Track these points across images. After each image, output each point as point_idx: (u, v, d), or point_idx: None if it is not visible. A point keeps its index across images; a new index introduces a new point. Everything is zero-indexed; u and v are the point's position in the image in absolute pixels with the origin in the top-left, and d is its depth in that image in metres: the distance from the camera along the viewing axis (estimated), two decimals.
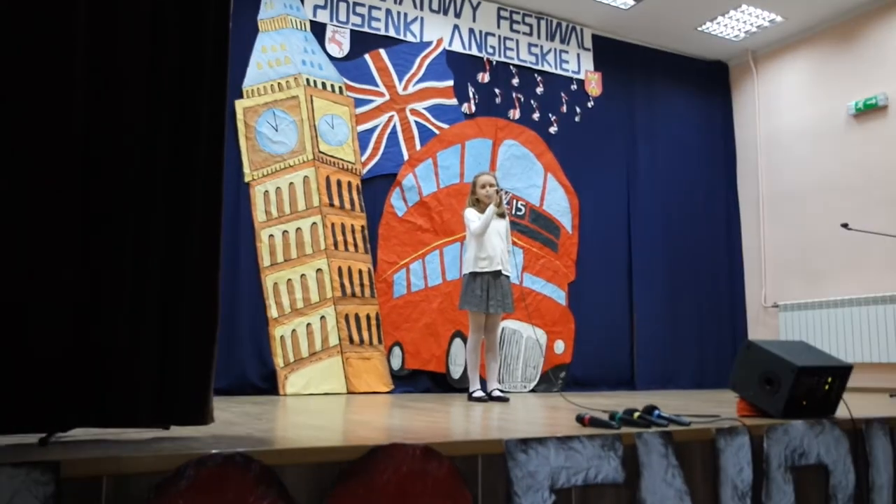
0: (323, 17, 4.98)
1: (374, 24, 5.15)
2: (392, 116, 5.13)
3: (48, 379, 1.56)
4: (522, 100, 5.60)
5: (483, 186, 4.07)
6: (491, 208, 3.91)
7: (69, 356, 1.59)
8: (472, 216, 4.03)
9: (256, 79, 4.72)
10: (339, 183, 4.88)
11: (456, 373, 4.96)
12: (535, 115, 5.63)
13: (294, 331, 4.59)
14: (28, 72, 1.59)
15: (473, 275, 3.97)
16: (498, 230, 4.03)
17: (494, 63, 5.52)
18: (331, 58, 4.99)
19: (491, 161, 5.39)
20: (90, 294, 1.63)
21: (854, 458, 2.33)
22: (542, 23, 5.75)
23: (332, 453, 1.57)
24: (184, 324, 1.75)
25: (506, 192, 4.09)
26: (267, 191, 4.67)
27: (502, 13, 5.60)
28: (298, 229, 4.71)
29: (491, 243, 3.96)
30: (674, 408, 2.88)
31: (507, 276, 4.07)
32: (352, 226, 4.87)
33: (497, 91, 5.50)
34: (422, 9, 5.31)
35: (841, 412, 2.50)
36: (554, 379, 5.22)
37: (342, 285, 4.76)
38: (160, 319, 1.72)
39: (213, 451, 1.42)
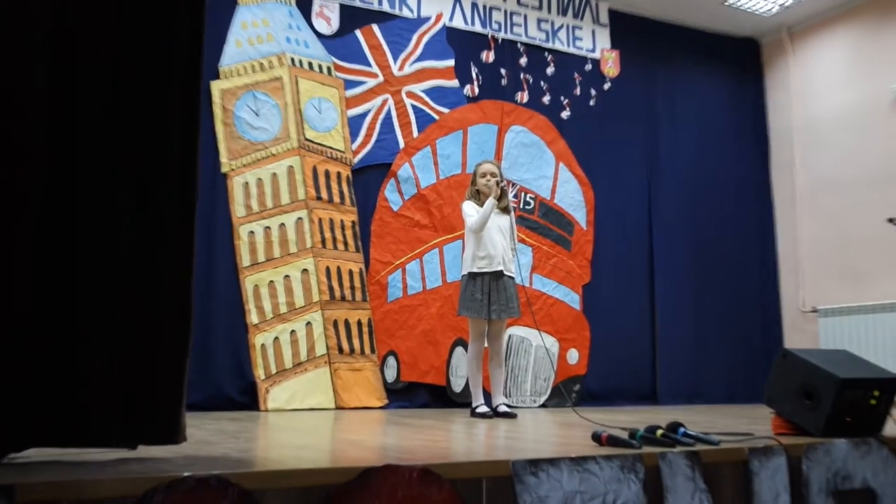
0: None
1: None
2: (386, 100, 5.12)
3: None
4: (531, 81, 5.58)
5: (483, 176, 4.04)
6: (490, 201, 3.88)
7: (22, 367, 1.57)
8: (469, 210, 4.00)
9: (235, 58, 4.71)
10: (327, 174, 4.87)
11: (457, 386, 4.95)
12: (546, 99, 5.62)
13: (276, 339, 4.58)
14: None
15: (472, 276, 3.94)
16: (500, 226, 3.99)
17: (500, 40, 5.51)
18: (318, 35, 4.98)
19: (496, 149, 5.37)
20: (45, 298, 1.62)
21: None
22: None
23: (319, 476, 1.56)
24: (153, 331, 1.74)
25: (512, 184, 4.07)
26: (246, 182, 4.66)
27: None
28: (282, 225, 4.70)
29: (491, 240, 3.93)
30: (701, 425, 2.87)
31: (511, 278, 4.05)
32: (341, 221, 4.86)
33: (503, 72, 5.49)
34: None
35: (889, 430, 2.48)
36: (567, 392, 5.22)
37: (330, 288, 4.75)
38: (126, 326, 1.70)
39: (186, 474, 1.41)
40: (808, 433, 2.41)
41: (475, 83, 5.38)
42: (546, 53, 5.66)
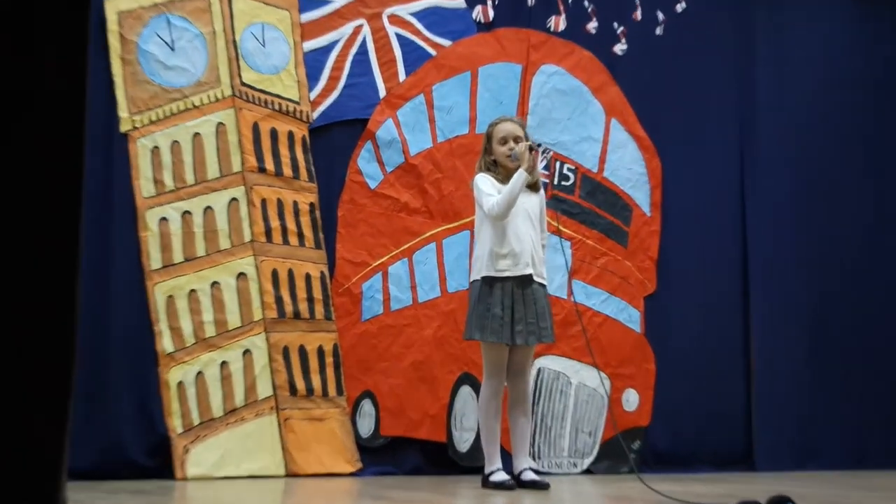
0: None
1: None
2: (360, 27, 5.10)
3: None
4: (570, 0, 5.57)
5: (504, 140, 4.06)
6: (520, 175, 3.89)
7: None
8: (486, 186, 4.01)
9: None
10: (273, 135, 4.85)
11: (463, 443, 4.94)
12: (592, 26, 5.60)
13: (200, 374, 4.57)
14: None
15: (489, 282, 3.96)
16: (527, 210, 4.01)
17: None
18: None
19: (520, 99, 5.36)
20: None
21: None
22: None
23: None
24: (18, 366, 1.72)
25: (544, 149, 4.08)
26: (157, 147, 4.64)
27: None
28: (208, 209, 4.68)
29: (516, 231, 3.95)
30: (819, 500, 2.86)
31: (543, 285, 4.05)
32: (295, 204, 4.85)
33: None
34: None
35: None
36: (623, 452, 5.20)
37: (279, 300, 4.74)
38: None
39: None
40: None
41: (489, 4, 5.37)
42: None
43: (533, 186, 4.04)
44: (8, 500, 1.69)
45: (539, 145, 4.09)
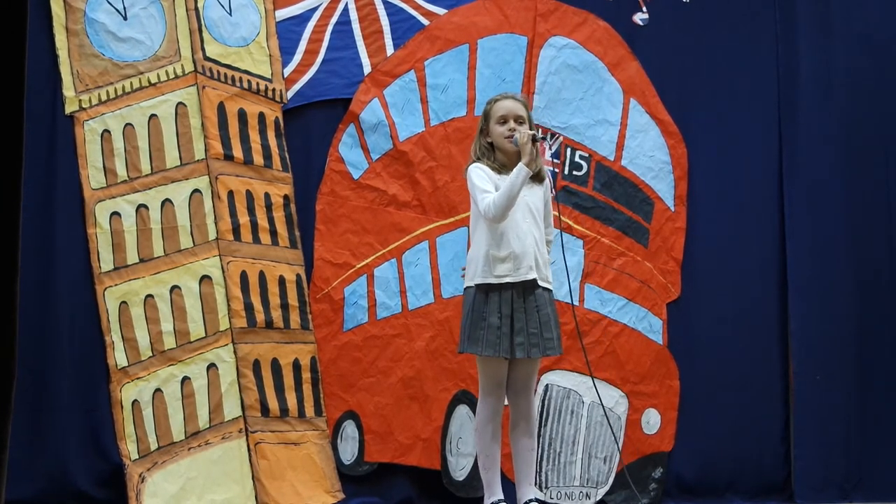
0: None
1: None
2: None
3: None
4: None
5: (503, 120, 4.04)
6: (519, 171, 3.87)
7: None
8: (480, 180, 3.99)
9: None
10: (241, 116, 4.86)
11: (460, 470, 4.96)
12: None
13: (158, 392, 4.58)
14: None
15: (485, 289, 3.95)
16: (529, 205, 3.99)
17: None
18: None
19: (525, 76, 5.37)
20: None
21: None
22: None
23: None
24: None
25: (554, 140, 4.06)
26: (108, 131, 4.64)
27: None
28: (167, 203, 4.69)
29: (516, 230, 3.95)
30: None
31: (548, 290, 4.05)
32: (266, 196, 4.86)
33: None
34: None
35: None
36: (644, 481, 5.22)
37: (248, 307, 4.75)
38: None
39: None
40: None
41: None
42: None
43: (536, 177, 3.99)
44: None
45: (544, 138, 4.03)
